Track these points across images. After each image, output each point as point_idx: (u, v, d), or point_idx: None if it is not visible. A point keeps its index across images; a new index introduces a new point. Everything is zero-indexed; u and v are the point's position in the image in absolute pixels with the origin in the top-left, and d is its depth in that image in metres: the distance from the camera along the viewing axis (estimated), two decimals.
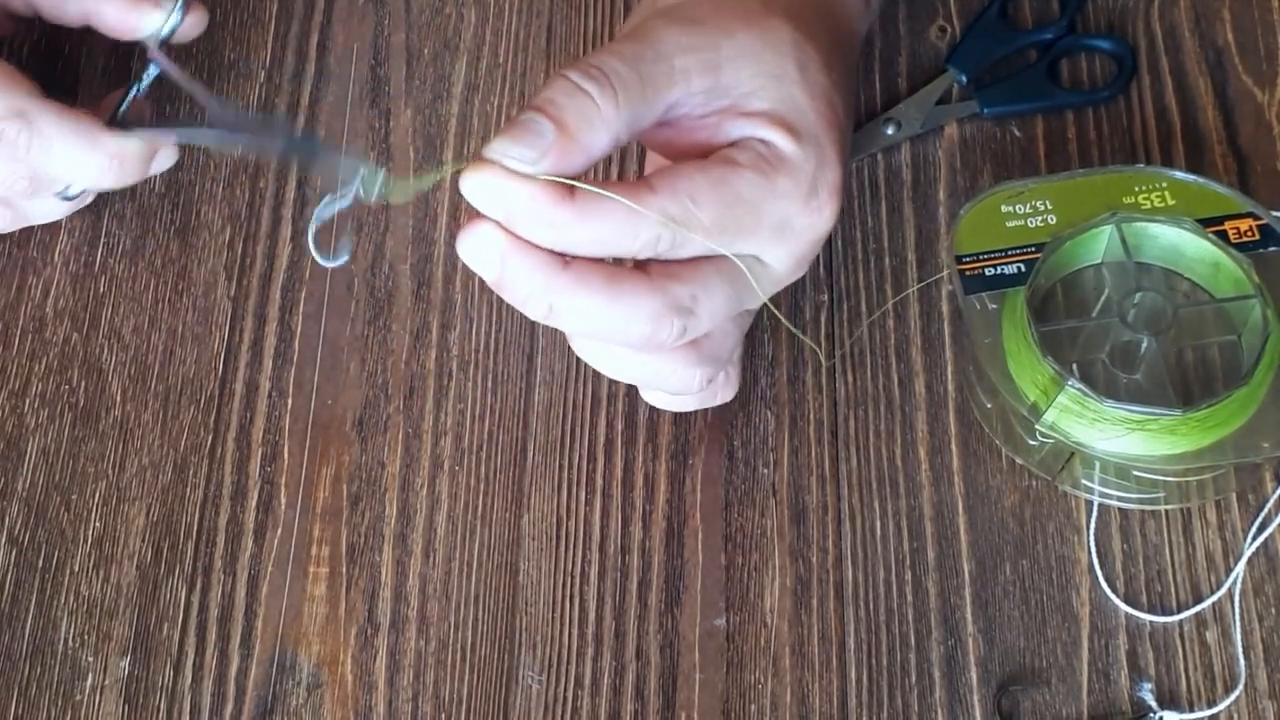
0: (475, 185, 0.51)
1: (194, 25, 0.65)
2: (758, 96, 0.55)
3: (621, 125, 0.53)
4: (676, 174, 0.53)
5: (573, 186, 0.51)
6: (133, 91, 0.63)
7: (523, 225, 0.52)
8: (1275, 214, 0.63)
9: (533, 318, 0.53)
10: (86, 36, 0.65)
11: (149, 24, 0.63)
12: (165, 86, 0.64)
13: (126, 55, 0.66)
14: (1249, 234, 0.62)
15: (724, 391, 0.61)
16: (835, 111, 0.57)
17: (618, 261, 0.54)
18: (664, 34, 0.54)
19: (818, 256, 0.67)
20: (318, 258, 0.55)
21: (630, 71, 0.53)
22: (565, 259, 0.52)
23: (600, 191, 0.51)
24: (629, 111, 0.53)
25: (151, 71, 0.63)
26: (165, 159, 0.64)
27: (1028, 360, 0.60)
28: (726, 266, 0.54)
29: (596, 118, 0.52)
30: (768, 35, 0.56)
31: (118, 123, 0.62)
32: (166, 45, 0.63)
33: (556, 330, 0.64)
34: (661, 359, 0.55)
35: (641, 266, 0.54)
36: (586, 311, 0.53)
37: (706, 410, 0.64)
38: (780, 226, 0.55)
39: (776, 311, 0.59)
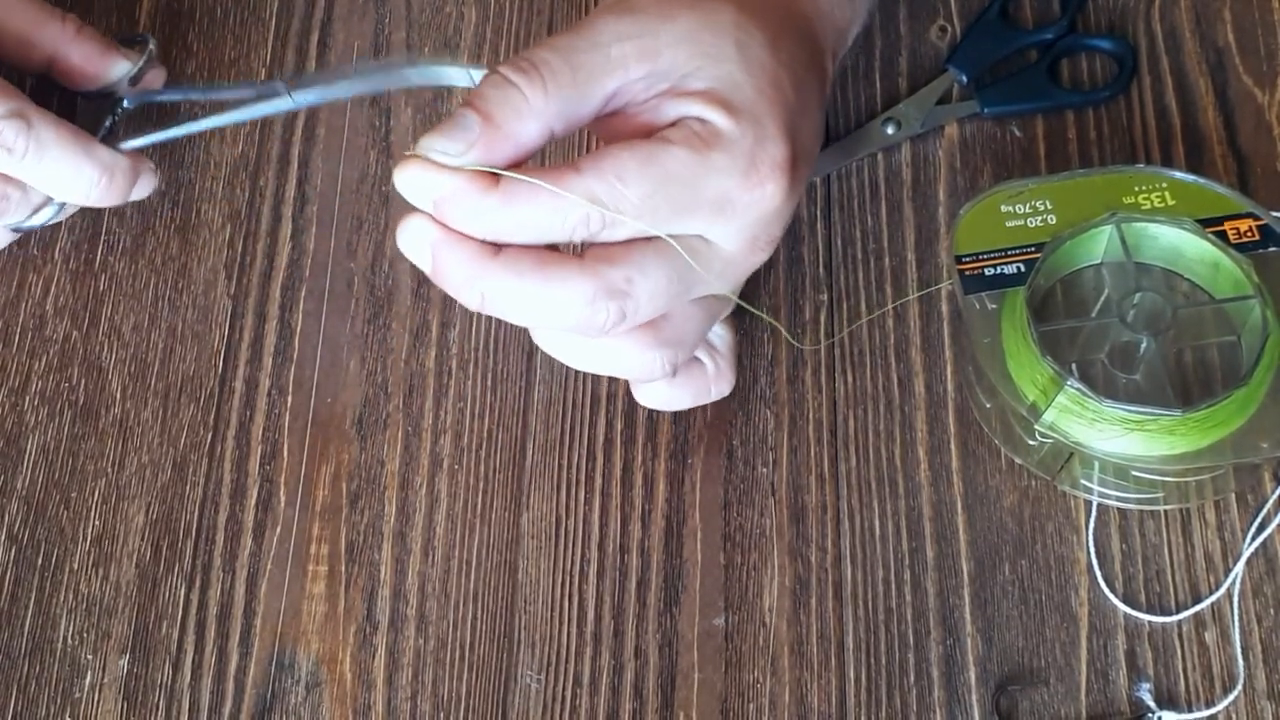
0: (404, 179, 0.53)
1: (154, 79, 0.66)
2: (695, 77, 0.55)
3: (552, 114, 0.53)
4: (603, 154, 0.53)
5: (498, 175, 0.52)
6: (107, 123, 0.63)
7: (451, 215, 0.53)
8: (1275, 214, 0.63)
9: (469, 307, 0.54)
10: (43, 83, 0.66)
11: (116, 72, 0.64)
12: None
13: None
14: (1249, 234, 0.62)
15: (717, 385, 0.61)
16: (780, 90, 0.56)
17: (559, 250, 0.54)
18: (601, 24, 0.55)
19: (816, 255, 0.67)
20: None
21: (561, 61, 0.53)
22: (497, 248, 0.53)
23: (523, 178, 0.52)
24: (559, 100, 0.53)
25: (126, 105, 0.63)
26: (145, 185, 0.65)
27: (1027, 360, 0.60)
28: (666, 247, 0.54)
29: (524, 107, 0.53)
30: (708, 18, 0.56)
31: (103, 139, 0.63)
32: (134, 81, 0.65)
33: None
34: (618, 343, 0.55)
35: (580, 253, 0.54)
36: (518, 297, 0.53)
37: (705, 409, 0.64)
38: (720, 203, 0.54)
39: (745, 304, 0.59)
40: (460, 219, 0.53)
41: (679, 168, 0.53)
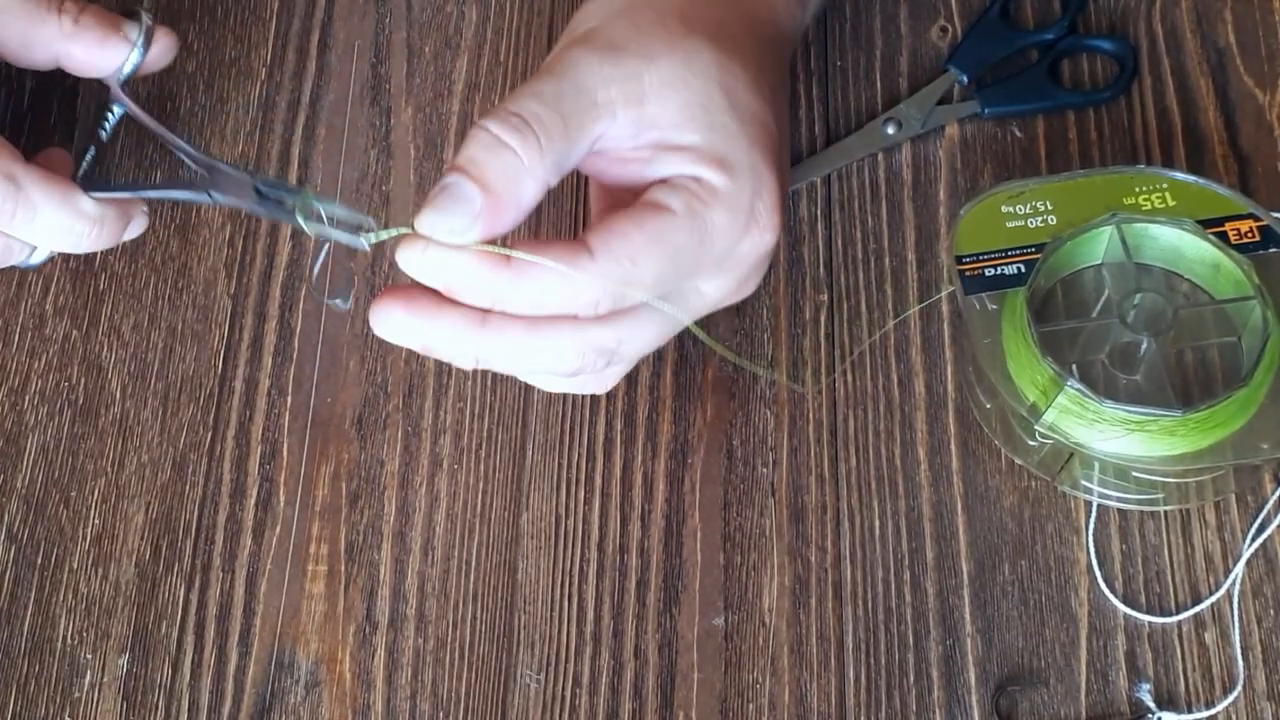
0: (410, 261, 0.52)
1: (162, 54, 0.63)
2: (686, 129, 0.55)
3: (549, 172, 0.53)
4: (612, 233, 0.52)
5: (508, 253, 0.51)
6: (101, 134, 0.62)
7: (463, 293, 0.52)
8: (1276, 215, 0.63)
9: (464, 368, 0.55)
10: (46, 81, 0.65)
11: (119, 58, 0.62)
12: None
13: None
14: (1249, 235, 0.62)
15: (598, 381, 0.60)
16: (767, 131, 0.56)
17: None
18: (583, 65, 0.54)
19: (817, 255, 0.67)
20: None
21: (551, 113, 0.53)
22: (484, 314, 0.53)
23: (538, 260, 0.51)
24: (554, 156, 0.52)
25: (116, 113, 0.62)
26: (137, 226, 0.63)
27: (1027, 361, 0.60)
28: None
29: (521, 171, 0.52)
30: (689, 61, 0.55)
31: (84, 179, 0.61)
32: (130, 84, 0.63)
33: None
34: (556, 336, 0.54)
35: None
36: (512, 356, 0.53)
37: (706, 409, 0.64)
38: (723, 258, 0.55)
39: (741, 360, 0.59)
40: (470, 296, 0.52)
41: (686, 238, 0.53)
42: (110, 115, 0.62)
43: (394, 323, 0.53)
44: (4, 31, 0.61)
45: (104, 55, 0.62)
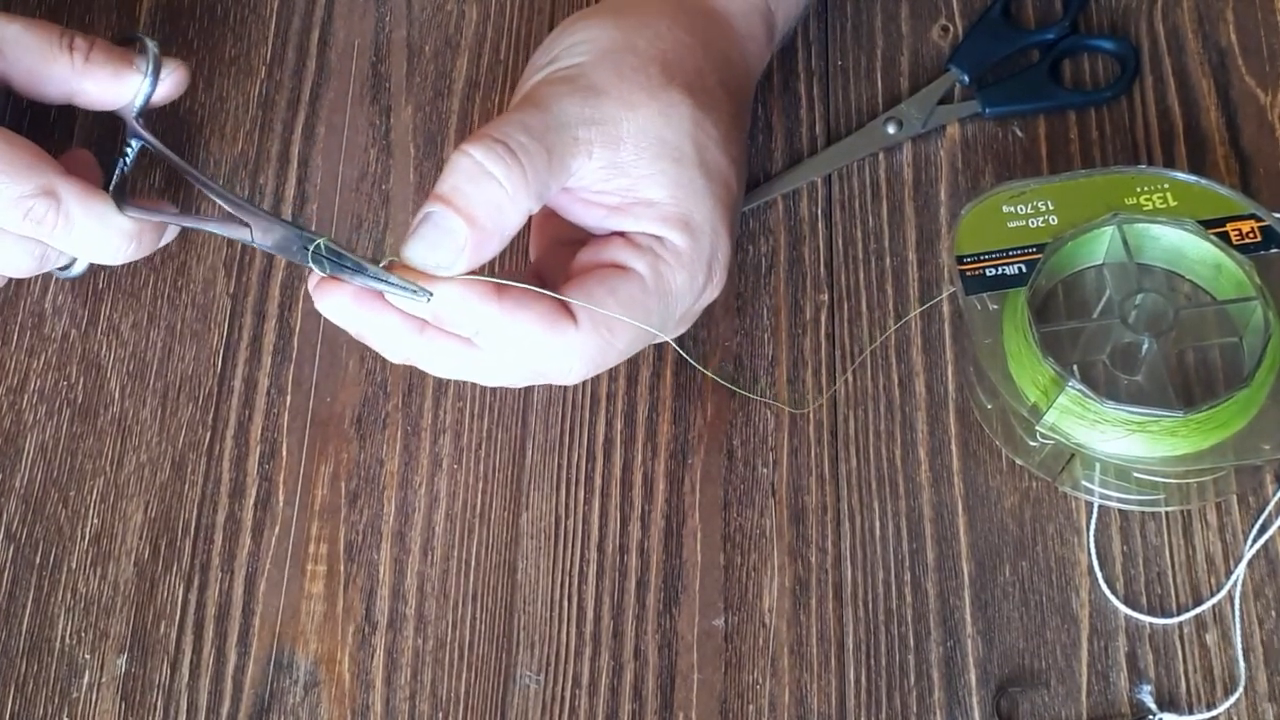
0: (395, 294, 0.54)
1: (175, 87, 0.63)
2: (656, 181, 0.57)
3: (531, 201, 0.54)
4: (592, 300, 0.55)
5: (501, 285, 0.53)
6: (119, 167, 0.62)
7: (450, 323, 0.54)
8: (1277, 215, 0.63)
9: (392, 360, 0.57)
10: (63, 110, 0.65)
11: (132, 90, 0.62)
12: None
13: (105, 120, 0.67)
14: (1251, 235, 0.62)
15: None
16: (729, 191, 0.59)
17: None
18: (566, 103, 0.56)
19: (817, 254, 0.67)
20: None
21: (537, 144, 0.54)
22: (423, 321, 0.55)
23: (522, 323, 0.54)
24: (537, 186, 0.54)
25: (135, 146, 0.62)
26: (170, 234, 0.64)
27: (1028, 361, 0.60)
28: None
29: (505, 202, 0.53)
30: (667, 111, 0.57)
31: (116, 191, 0.62)
32: (144, 116, 0.63)
33: None
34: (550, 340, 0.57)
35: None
36: (443, 366, 0.57)
37: (706, 409, 0.64)
38: (681, 316, 0.58)
39: (739, 388, 0.59)
40: (457, 326, 0.54)
41: (655, 304, 0.56)
42: (129, 149, 0.62)
43: (338, 306, 0.55)
44: (15, 69, 0.62)
45: (117, 89, 0.62)
